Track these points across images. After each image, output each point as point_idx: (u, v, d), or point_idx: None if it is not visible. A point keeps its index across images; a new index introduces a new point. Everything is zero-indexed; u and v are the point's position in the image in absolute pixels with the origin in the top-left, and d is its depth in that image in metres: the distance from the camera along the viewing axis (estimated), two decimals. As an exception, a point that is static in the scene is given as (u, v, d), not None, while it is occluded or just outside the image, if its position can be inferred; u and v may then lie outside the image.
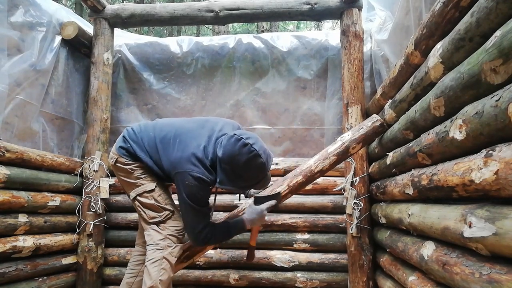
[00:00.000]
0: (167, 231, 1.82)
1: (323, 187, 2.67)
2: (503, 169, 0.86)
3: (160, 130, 1.84)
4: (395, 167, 1.87)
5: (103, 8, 2.85)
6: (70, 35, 2.73)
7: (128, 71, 3.15)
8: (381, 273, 2.27)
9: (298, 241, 2.63)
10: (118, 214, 2.83)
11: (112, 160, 1.88)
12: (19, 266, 2.17)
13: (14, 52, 2.37)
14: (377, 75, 2.77)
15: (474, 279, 0.99)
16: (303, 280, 2.56)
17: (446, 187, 1.19)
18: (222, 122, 1.88)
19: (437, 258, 1.25)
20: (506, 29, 0.88)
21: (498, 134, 0.93)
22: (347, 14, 2.65)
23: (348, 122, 2.54)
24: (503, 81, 0.94)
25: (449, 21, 1.30)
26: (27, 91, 2.45)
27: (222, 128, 1.82)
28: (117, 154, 1.85)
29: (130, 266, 2.05)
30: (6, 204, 2.07)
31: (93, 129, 2.75)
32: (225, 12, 2.79)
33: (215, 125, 1.83)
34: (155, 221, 1.83)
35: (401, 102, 1.80)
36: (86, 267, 2.61)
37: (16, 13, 2.40)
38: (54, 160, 2.51)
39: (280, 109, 2.99)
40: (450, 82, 1.19)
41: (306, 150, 2.93)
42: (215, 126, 1.82)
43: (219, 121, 1.89)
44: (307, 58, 3.00)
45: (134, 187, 1.87)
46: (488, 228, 0.92)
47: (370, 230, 2.41)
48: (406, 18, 2.07)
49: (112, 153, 1.89)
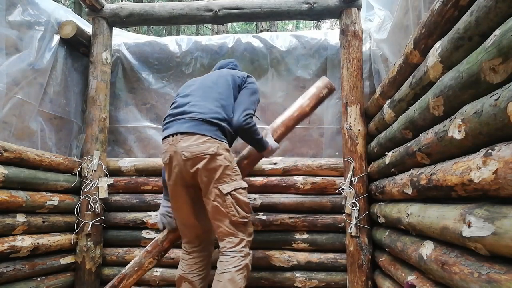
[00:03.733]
0: (246, 237, 1.86)
1: (322, 186, 2.67)
2: (502, 169, 0.86)
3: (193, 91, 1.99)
4: (394, 166, 1.87)
5: (101, 7, 2.84)
6: (68, 34, 2.72)
7: (127, 70, 3.14)
8: (380, 273, 2.27)
9: (297, 241, 2.63)
10: (117, 213, 2.82)
11: (213, 149, 1.77)
12: (17, 266, 2.16)
13: (12, 51, 2.37)
14: (376, 74, 2.76)
15: (473, 279, 0.99)
16: (302, 279, 2.56)
17: (445, 186, 1.19)
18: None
19: (436, 257, 1.25)
20: (505, 28, 0.88)
21: (497, 133, 0.93)
22: (346, 14, 2.64)
23: (347, 122, 2.54)
24: (502, 80, 0.93)
25: (448, 20, 1.29)
26: (25, 90, 2.44)
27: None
28: (216, 140, 1.80)
29: (191, 269, 1.98)
30: (4, 204, 2.06)
31: (91, 128, 2.75)
32: (224, 11, 2.79)
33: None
34: (244, 221, 1.85)
35: (400, 102, 1.80)
36: (84, 267, 2.60)
37: (14, 12, 2.39)
38: (52, 159, 2.51)
39: (279, 108, 2.98)
40: (449, 82, 1.19)
41: (305, 149, 2.93)
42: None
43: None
44: (306, 58, 3.00)
45: (228, 180, 1.81)
46: (487, 228, 0.92)
47: (369, 229, 2.41)
48: (405, 18, 2.07)
49: (209, 144, 1.78)
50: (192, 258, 2.00)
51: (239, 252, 1.79)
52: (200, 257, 2.01)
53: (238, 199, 1.82)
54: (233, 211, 1.80)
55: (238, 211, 1.82)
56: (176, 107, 1.94)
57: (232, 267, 1.75)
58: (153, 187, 2.82)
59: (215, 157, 1.77)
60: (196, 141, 1.77)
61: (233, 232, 1.82)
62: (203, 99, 1.91)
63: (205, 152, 1.75)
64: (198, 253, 2.02)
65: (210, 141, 1.78)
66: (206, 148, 1.76)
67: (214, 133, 1.81)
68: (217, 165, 1.78)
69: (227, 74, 2.05)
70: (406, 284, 1.55)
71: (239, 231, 1.83)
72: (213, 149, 1.77)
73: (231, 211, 1.80)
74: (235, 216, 1.80)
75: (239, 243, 1.82)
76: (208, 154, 1.76)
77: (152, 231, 2.76)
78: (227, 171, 1.81)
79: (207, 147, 1.76)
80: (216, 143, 1.79)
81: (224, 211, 1.80)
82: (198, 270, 1.99)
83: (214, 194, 1.80)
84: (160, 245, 2.18)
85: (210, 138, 1.78)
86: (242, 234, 1.84)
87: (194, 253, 2.01)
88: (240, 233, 1.83)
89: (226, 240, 1.83)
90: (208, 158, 1.76)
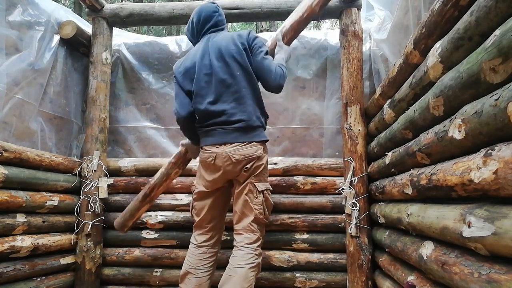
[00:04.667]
0: (262, 238, 1.94)
1: (322, 186, 2.67)
2: (502, 169, 0.86)
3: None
4: (394, 166, 1.87)
5: (101, 7, 2.84)
6: (68, 34, 2.73)
7: (127, 70, 3.14)
8: (380, 273, 2.27)
9: (297, 241, 2.63)
10: (117, 214, 2.80)
11: (260, 152, 1.92)
12: (17, 266, 2.16)
13: (12, 51, 2.37)
14: (376, 74, 2.76)
15: (473, 279, 0.99)
16: (302, 280, 2.56)
17: (445, 186, 1.19)
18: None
19: (436, 257, 1.25)
20: (506, 28, 0.88)
21: (497, 133, 0.93)
22: (346, 14, 2.64)
23: (347, 122, 2.54)
24: (503, 80, 0.93)
25: (448, 20, 1.29)
26: (25, 90, 2.44)
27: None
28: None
29: (200, 264, 1.99)
30: (4, 204, 2.06)
31: (91, 128, 2.75)
32: (224, 11, 2.77)
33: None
34: (265, 222, 1.94)
35: (400, 102, 1.80)
36: (84, 267, 2.60)
37: (14, 12, 2.39)
38: (52, 159, 2.51)
39: (279, 108, 2.99)
40: (449, 82, 1.19)
41: (305, 149, 2.93)
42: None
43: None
44: (306, 58, 3.00)
45: (263, 180, 1.96)
46: (487, 228, 0.92)
47: (369, 230, 2.41)
48: (405, 18, 2.07)
49: (256, 147, 1.91)
50: (202, 253, 2.02)
51: (254, 250, 1.86)
52: (209, 253, 2.04)
53: (267, 199, 1.95)
54: (261, 209, 1.90)
55: (265, 210, 1.92)
56: (209, 116, 1.93)
57: (247, 263, 1.80)
58: (153, 187, 2.82)
59: (261, 158, 1.93)
60: (244, 145, 1.89)
61: (254, 229, 1.90)
62: (237, 103, 1.89)
63: (254, 154, 1.89)
64: (208, 248, 2.04)
65: (256, 145, 1.91)
66: (254, 151, 1.90)
67: (258, 136, 1.93)
68: (260, 164, 1.92)
69: (231, 51, 1.91)
70: (406, 284, 1.55)
71: (259, 230, 1.92)
72: (260, 151, 1.92)
73: (259, 209, 1.90)
74: (261, 214, 1.91)
75: (256, 240, 1.89)
76: (256, 156, 1.90)
77: (152, 231, 2.76)
78: (264, 171, 1.97)
79: (255, 149, 1.90)
80: (262, 145, 1.95)
81: (252, 206, 1.90)
82: (206, 266, 2.00)
83: (248, 189, 1.90)
84: (183, 157, 2.33)
85: (255, 142, 1.92)
86: (260, 234, 1.92)
87: (204, 247, 2.03)
88: (259, 232, 1.92)
89: (244, 235, 1.90)
90: (256, 160, 1.90)
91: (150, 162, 2.86)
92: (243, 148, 1.87)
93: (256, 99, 1.94)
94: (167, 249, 2.73)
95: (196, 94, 1.96)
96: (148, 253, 2.72)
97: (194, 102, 1.97)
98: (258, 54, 1.92)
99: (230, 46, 1.91)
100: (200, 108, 1.94)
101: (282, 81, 1.93)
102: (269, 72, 1.89)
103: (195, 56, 2.01)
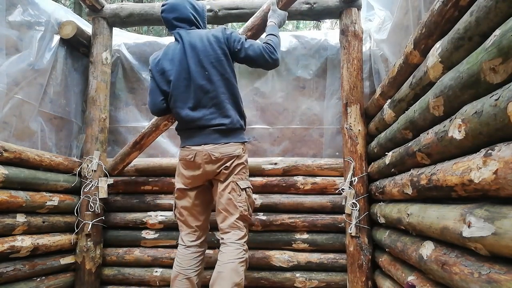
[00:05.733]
0: (247, 234, 1.99)
1: (322, 187, 2.67)
2: (503, 169, 0.86)
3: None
4: (394, 166, 1.87)
5: (101, 7, 2.84)
6: (68, 35, 2.73)
7: (127, 70, 3.14)
8: (380, 273, 2.27)
9: (297, 241, 2.63)
10: (117, 214, 2.82)
11: (239, 151, 1.98)
12: (17, 266, 2.16)
13: (12, 52, 2.37)
14: (376, 74, 2.76)
15: (473, 279, 0.99)
16: (302, 280, 2.56)
17: (445, 186, 1.19)
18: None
19: (436, 258, 1.25)
20: (506, 28, 0.88)
21: (497, 133, 0.93)
22: (346, 14, 2.64)
23: (347, 122, 2.54)
24: (503, 80, 0.93)
25: (448, 20, 1.29)
26: (25, 90, 2.44)
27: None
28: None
29: (190, 264, 2.02)
30: (4, 204, 2.06)
31: (91, 128, 2.75)
32: (224, 11, 2.78)
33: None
34: (250, 218, 2.00)
35: (400, 102, 1.80)
36: (84, 267, 2.60)
37: (14, 12, 2.39)
38: (52, 159, 2.51)
39: (279, 108, 2.99)
40: (449, 82, 1.19)
41: (305, 150, 2.93)
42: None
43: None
44: (306, 58, 3.00)
45: (244, 178, 2.01)
46: (487, 228, 0.92)
47: (369, 230, 2.41)
48: (405, 18, 2.07)
49: (235, 147, 1.98)
50: (191, 253, 2.05)
51: (242, 246, 1.92)
52: (198, 252, 2.07)
53: (250, 197, 2.02)
54: (245, 206, 1.96)
55: (249, 207, 1.99)
56: (190, 121, 1.98)
57: (236, 258, 1.86)
58: (153, 187, 2.82)
59: (240, 157, 1.99)
60: (223, 145, 1.96)
61: (240, 226, 1.96)
62: (216, 108, 1.95)
63: (233, 153, 1.96)
64: (196, 248, 2.07)
65: (235, 145, 1.98)
66: (233, 150, 1.96)
67: (237, 137, 2.00)
68: (240, 162, 1.99)
69: (209, 57, 1.93)
70: (406, 284, 1.55)
71: (244, 227, 1.98)
72: (239, 150, 1.98)
73: (243, 206, 1.96)
74: (246, 211, 1.97)
75: (243, 236, 1.95)
76: (235, 154, 1.96)
77: (152, 231, 2.76)
78: (244, 170, 2.03)
79: (234, 149, 1.97)
80: (241, 145, 2.01)
81: (236, 204, 1.95)
82: (195, 265, 2.03)
83: (231, 188, 1.96)
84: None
85: (234, 142, 1.98)
86: (245, 230, 1.99)
87: (192, 247, 2.06)
88: (245, 229, 1.98)
89: (231, 232, 1.95)
90: (236, 158, 1.96)
91: (150, 162, 2.86)
92: (223, 147, 1.95)
93: (234, 104, 2.00)
94: (167, 249, 2.73)
95: (175, 99, 2.00)
96: (148, 253, 2.72)
97: (174, 107, 2.02)
98: (240, 49, 1.97)
99: (208, 51, 1.94)
100: (181, 114, 2.00)
101: (275, 55, 1.99)
102: (259, 57, 1.96)
103: (173, 59, 2.01)
